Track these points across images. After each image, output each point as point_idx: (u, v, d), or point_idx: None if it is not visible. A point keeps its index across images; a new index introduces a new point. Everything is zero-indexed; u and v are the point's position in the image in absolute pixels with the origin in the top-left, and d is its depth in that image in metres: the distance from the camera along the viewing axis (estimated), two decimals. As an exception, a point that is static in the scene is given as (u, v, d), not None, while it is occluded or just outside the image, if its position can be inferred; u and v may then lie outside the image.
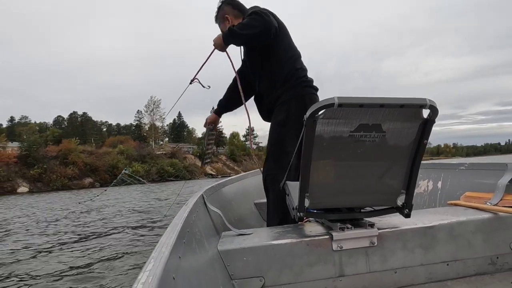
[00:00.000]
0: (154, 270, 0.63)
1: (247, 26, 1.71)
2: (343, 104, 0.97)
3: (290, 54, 1.87)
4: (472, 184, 1.77)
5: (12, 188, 27.15)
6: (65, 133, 52.17)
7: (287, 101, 1.80)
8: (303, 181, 1.11)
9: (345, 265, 1.16)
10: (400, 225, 1.23)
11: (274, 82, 1.84)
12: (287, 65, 1.84)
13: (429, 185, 2.19)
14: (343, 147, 1.07)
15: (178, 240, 0.84)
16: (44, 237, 5.57)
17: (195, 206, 1.29)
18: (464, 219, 1.26)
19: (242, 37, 1.75)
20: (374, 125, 1.04)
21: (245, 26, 1.71)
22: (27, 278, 3.37)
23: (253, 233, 1.30)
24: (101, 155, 36.14)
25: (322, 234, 1.20)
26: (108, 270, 3.46)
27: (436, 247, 1.21)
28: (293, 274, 1.13)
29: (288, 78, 1.82)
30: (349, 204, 1.22)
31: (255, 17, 1.71)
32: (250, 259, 1.13)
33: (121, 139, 49.23)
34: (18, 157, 30.15)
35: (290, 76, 1.82)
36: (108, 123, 78.59)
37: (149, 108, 56.60)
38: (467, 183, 1.83)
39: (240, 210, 2.22)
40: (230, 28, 1.76)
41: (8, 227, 7.01)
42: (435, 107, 1.02)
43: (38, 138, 33.63)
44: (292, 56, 1.88)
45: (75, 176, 31.40)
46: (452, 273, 1.20)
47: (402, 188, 1.17)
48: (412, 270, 1.19)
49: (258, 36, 1.71)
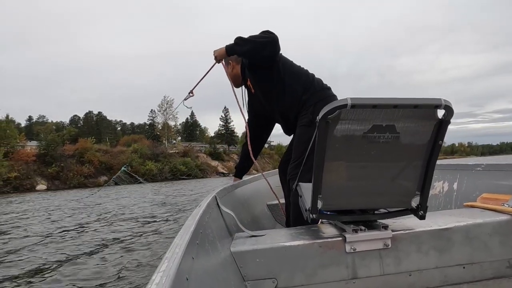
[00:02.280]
0: (167, 271, 0.64)
1: (255, 36, 1.82)
2: (356, 105, 0.96)
3: (297, 66, 1.99)
4: (489, 185, 1.72)
5: (31, 186, 27.95)
6: (81, 132, 53.35)
7: (312, 105, 1.87)
8: (316, 183, 1.11)
9: (358, 268, 1.15)
10: (414, 227, 1.21)
11: (296, 92, 1.91)
12: (302, 74, 1.95)
13: (444, 186, 2.15)
14: (356, 148, 1.06)
15: (191, 241, 0.85)
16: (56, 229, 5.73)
17: (208, 207, 1.30)
18: (480, 221, 1.24)
19: (249, 43, 1.80)
20: (388, 126, 1.03)
21: (255, 36, 1.81)
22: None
23: (266, 235, 1.30)
24: (116, 154, 36.79)
25: (335, 236, 1.19)
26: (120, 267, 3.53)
27: (451, 249, 1.19)
28: (306, 276, 1.13)
29: (308, 85, 1.92)
30: (362, 205, 1.21)
31: (264, 32, 1.82)
32: (262, 260, 1.13)
33: (135, 138, 49.96)
34: (36, 155, 31.01)
35: (309, 83, 1.93)
36: (123, 122, 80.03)
37: (162, 108, 57.28)
38: (484, 184, 1.78)
39: (252, 211, 2.23)
40: (238, 37, 1.84)
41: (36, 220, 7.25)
42: (450, 107, 1.00)
43: (56, 137, 34.49)
44: (300, 66, 2.00)
45: (90, 174, 32.06)
46: (468, 277, 1.18)
47: (416, 190, 1.15)
48: (427, 273, 1.17)
49: (265, 46, 1.79)
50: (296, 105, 1.92)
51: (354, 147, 1.06)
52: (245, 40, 1.80)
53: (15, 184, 26.89)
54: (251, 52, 1.84)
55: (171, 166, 38.24)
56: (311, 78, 1.97)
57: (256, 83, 2.01)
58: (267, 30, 1.83)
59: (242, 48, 1.84)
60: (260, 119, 2.21)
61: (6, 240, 5.35)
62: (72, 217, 7.93)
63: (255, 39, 1.79)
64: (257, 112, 2.18)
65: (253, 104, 2.16)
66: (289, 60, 1.99)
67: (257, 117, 2.21)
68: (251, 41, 1.79)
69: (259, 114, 2.19)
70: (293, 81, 1.91)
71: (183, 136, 69.36)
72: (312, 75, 2.00)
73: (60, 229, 6.21)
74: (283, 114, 2.02)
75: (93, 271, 3.48)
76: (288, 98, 1.93)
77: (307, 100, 1.89)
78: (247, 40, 1.80)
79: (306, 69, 2.02)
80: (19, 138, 32.18)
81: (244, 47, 1.82)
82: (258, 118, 2.21)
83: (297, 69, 1.98)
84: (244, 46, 1.82)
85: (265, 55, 1.84)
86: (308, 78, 1.96)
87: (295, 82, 1.92)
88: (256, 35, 1.81)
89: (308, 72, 2.01)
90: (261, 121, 2.22)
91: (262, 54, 1.83)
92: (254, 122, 2.22)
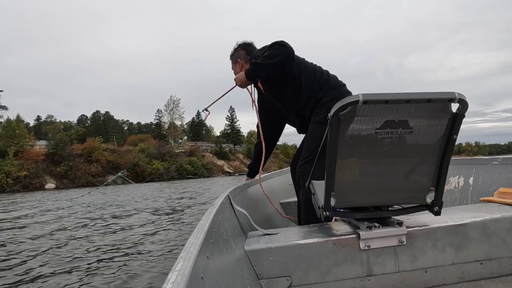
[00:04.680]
0: (183, 270, 0.64)
1: (271, 56, 1.79)
2: (368, 101, 0.95)
3: (310, 63, 1.98)
4: (507, 179, 1.69)
5: (40, 184, 28.36)
6: (88, 132, 53.93)
7: (327, 102, 1.85)
8: (328, 180, 1.10)
9: (373, 265, 1.14)
10: (429, 223, 1.20)
11: (313, 90, 1.90)
12: (317, 72, 1.93)
13: (460, 182, 2.11)
14: (369, 145, 1.05)
15: (206, 240, 0.85)
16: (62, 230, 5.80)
17: (222, 207, 1.30)
18: (498, 216, 1.22)
19: (267, 67, 1.80)
20: (401, 121, 1.02)
21: (268, 57, 1.79)
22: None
23: (280, 233, 1.30)
24: (123, 153, 37.12)
25: (349, 233, 1.18)
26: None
27: (468, 245, 1.17)
28: (320, 273, 1.13)
29: (324, 82, 1.90)
30: (376, 202, 1.20)
31: (276, 47, 1.81)
32: (277, 258, 1.13)
33: (141, 137, 50.35)
34: (45, 154, 31.45)
35: (324, 80, 1.91)
36: (129, 122, 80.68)
37: (169, 107, 57.64)
38: (500, 179, 1.75)
39: (266, 210, 2.22)
40: (254, 62, 1.85)
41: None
42: (464, 100, 0.98)
43: (64, 136, 34.92)
44: (312, 63, 1.98)
45: (98, 173, 32.40)
46: (486, 273, 1.16)
47: (431, 185, 1.13)
48: (443, 269, 1.16)
49: (284, 63, 1.80)
50: (312, 103, 1.90)
51: (366, 144, 1.05)
52: (261, 65, 1.80)
53: (24, 183, 27.32)
54: (271, 74, 1.87)
55: (177, 166, 38.45)
56: (326, 75, 1.94)
57: (270, 85, 1.99)
58: (280, 42, 1.81)
59: (262, 73, 1.86)
60: (271, 120, 2.19)
61: (14, 238, 5.43)
62: (80, 215, 8.02)
63: (270, 60, 1.78)
64: (268, 113, 2.16)
65: (264, 104, 2.15)
66: (301, 58, 1.96)
67: (268, 118, 2.19)
68: (267, 66, 1.79)
69: (270, 115, 2.17)
70: (309, 80, 1.89)
71: (189, 136, 69.69)
72: (326, 71, 1.97)
73: (75, 225, 6.29)
74: (299, 113, 1.99)
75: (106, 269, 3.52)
76: (305, 97, 1.90)
77: (323, 97, 1.87)
78: (263, 65, 1.80)
79: (319, 66, 2.00)
80: (28, 138, 32.63)
81: (264, 72, 1.84)
82: (269, 119, 2.19)
83: (312, 67, 1.95)
84: (263, 70, 1.83)
85: (285, 70, 1.84)
86: (323, 75, 1.93)
87: (311, 80, 1.89)
88: (269, 54, 1.79)
89: (322, 68, 1.98)
90: (271, 121, 2.21)
91: (280, 71, 1.84)
92: (264, 122, 2.20)
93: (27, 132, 33.89)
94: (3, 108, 36.49)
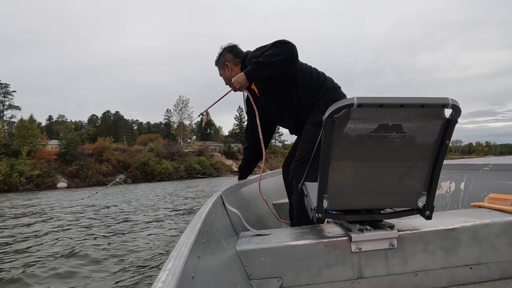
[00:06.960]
0: (173, 269, 0.65)
1: (275, 54, 1.74)
2: (362, 104, 0.97)
3: (305, 64, 1.95)
4: (497, 185, 1.69)
5: (52, 183, 28.94)
6: (98, 131, 54.65)
7: (323, 104, 1.82)
8: (321, 182, 1.12)
9: (364, 267, 1.15)
10: (421, 227, 1.21)
11: (311, 92, 1.88)
12: (313, 73, 1.92)
13: (451, 186, 2.12)
14: (363, 148, 1.07)
15: (197, 240, 0.86)
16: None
17: (214, 206, 1.31)
18: (488, 221, 1.22)
19: (271, 65, 1.74)
20: (394, 125, 1.03)
21: (272, 55, 1.74)
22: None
23: (272, 234, 1.31)
24: (133, 152, 37.57)
25: (340, 235, 1.20)
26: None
27: (458, 250, 1.18)
28: (311, 275, 1.14)
29: (321, 84, 1.89)
30: (368, 205, 1.22)
31: (279, 45, 1.76)
32: (268, 259, 1.14)
33: (151, 137, 50.82)
34: (57, 154, 32.07)
35: (321, 82, 1.90)
36: (139, 122, 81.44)
37: (178, 107, 58.12)
38: (491, 185, 1.75)
39: (258, 210, 2.23)
40: (255, 61, 1.77)
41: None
42: (457, 106, 0.99)
43: (75, 136, 35.55)
44: (307, 64, 1.96)
45: (109, 173, 32.85)
46: (475, 277, 1.17)
47: (423, 190, 1.15)
48: (433, 273, 1.17)
49: (289, 61, 1.77)
50: (308, 105, 1.88)
51: (360, 147, 1.07)
52: (264, 64, 1.74)
53: (37, 182, 27.93)
54: (274, 74, 1.79)
55: (186, 165, 38.72)
56: (323, 77, 1.92)
57: (266, 87, 1.95)
58: (282, 40, 1.76)
59: (263, 73, 1.79)
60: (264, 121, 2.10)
61: (22, 234, 5.57)
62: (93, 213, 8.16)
63: (274, 58, 1.72)
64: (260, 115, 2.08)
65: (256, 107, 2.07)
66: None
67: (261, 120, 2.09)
68: (270, 64, 1.73)
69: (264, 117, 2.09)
70: (306, 82, 1.87)
71: (198, 135, 70.05)
72: (322, 73, 1.96)
73: (87, 221, 6.42)
74: (294, 115, 1.96)
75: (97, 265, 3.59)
76: (303, 99, 1.88)
77: (319, 99, 1.85)
78: (266, 63, 1.74)
79: (315, 67, 1.98)
80: (41, 137, 33.31)
81: (265, 72, 1.77)
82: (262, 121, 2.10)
83: (308, 68, 1.93)
84: (264, 70, 1.76)
85: (287, 69, 1.79)
86: (320, 77, 1.91)
87: (309, 82, 1.87)
88: (272, 52, 1.74)
89: (318, 70, 1.96)
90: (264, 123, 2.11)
91: (283, 71, 1.79)
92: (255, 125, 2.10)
93: (40, 132, 34.60)
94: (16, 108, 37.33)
